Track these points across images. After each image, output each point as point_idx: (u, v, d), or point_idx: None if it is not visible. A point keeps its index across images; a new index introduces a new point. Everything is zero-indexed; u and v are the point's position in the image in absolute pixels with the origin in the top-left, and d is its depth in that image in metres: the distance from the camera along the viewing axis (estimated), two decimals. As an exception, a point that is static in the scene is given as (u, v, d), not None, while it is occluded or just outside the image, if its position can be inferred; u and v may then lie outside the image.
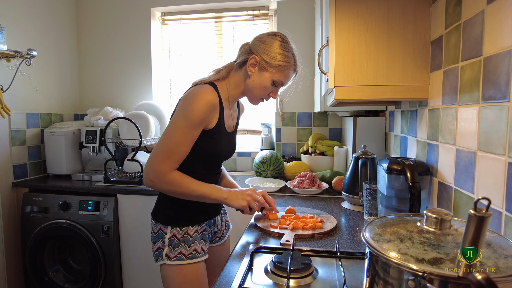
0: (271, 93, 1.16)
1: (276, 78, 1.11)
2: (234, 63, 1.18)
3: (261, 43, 1.11)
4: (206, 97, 1.04)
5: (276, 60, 1.09)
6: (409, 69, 1.10)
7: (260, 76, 1.11)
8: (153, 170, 1.03)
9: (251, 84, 1.13)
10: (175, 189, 1.05)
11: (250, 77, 1.12)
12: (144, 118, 2.22)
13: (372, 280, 0.54)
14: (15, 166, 2.18)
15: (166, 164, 1.03)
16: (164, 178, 1.03)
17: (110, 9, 2.67)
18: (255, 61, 1.10)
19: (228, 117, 1.18)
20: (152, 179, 1.03)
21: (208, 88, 1.07)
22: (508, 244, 0.50)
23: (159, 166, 1.02)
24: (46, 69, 2.44)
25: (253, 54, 1.10)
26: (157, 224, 1.15)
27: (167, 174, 1.03)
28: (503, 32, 0.70)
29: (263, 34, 1.14)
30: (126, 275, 2.02)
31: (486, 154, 0.76)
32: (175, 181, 1.04)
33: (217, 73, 1.17)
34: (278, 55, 1.09)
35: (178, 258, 1.10)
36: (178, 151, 1.03)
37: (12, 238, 2.13)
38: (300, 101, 2.46)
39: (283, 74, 1.12)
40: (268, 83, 1.12)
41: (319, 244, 1.05)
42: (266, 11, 2.55)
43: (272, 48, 1.09)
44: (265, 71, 1.10)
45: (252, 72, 1.11)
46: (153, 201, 1.20)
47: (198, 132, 1.06)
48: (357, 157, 1.43)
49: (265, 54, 1.09)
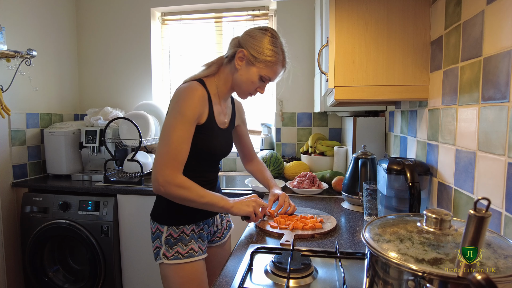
0: (259, 88, 1.15)
1: (264, 74, 1.11)
2: (224, 57, 1.17)
3: (250, 37, 1.10)
4: (196, 92, 1.06)
5: (264, 55, 1.08)
6: (409, 69, 1.10)
7: (247, 71, 1.10)
8: (161, 174, 0.99)
9: (238, 78, 1.12)
10: (184, 193, 1.01)
11: (238, 71, 1.12)
12: (144, 118, 2.22)
13: (372, 280, 0.54)
14: (15, 166, 2.18)
15: (173, 166, 1.00)
16: (173, 181, 1.00)
17: (110, 9, 2.67)
18: (243, 55, 1.09)
19: (219, 113, 1.17)
20: (161, 183, 0.99)
21: (195, 84, 1.08)
22: (508, 244, 0.50)
23: (166, 169, 0.99)
24: (46, 69, 2.44)
25: (242, 48, 1.10)
26: (155, 224, 1.15)
27: (175, 176, 1.00)
28: (503, 33, 0.70)
29: (253, 28, 1.13)
30: (126, 275, 2.02)
31: (486, 154, 0.76)
32: (185, 183, 1.01)
33: (207, 67, 1.17)
34: (266, 51, 1.08)
35: (175, 257, 1.10)
36: (181, 150, 1.02)
37: (12, 238, 2.13)
38: (300, 101, 2.46)
39: (270, 69, 1.11)
40: (255, 78, 1.11)
41: (319, 244, 1.05)
42: (266, 11, 2.55)
43: (260, 43, 1.08)
44: (253, 66, 1.09)
45: (240, 66, 1.11)
46: (153, 201, 1.20)
47: (194, 128, 1.06)
48: (357, 157, 1.43)
49: (253, 49, 1.08)
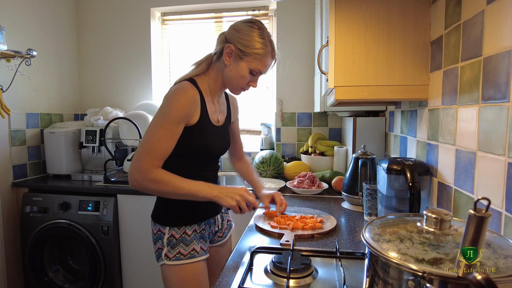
0: (250, 82, 1.13)
1: (253, 67, 1.09)
2: (213, 54, 1.15)
3: (236, 31, 1.09)
4: (185, 93, 1.04)
5: (252, 49, 1.06)
6: (409, 69, 1.10)
7: (236, 66, 1.09)
8: (135, 168, 1.01)
9: (228, 74, 1.11)
10: (159, 187, 1.02)
11: (227, 67, 1.10)
12: (144, 118, 2.22)
13: (372, 280, 0.54)
14: (15, 166, 2.18)
15: (147, 161, 1.00)
16: (146, 176, 1.00)
17: (110, 9, 2.67)
18: (230, 50, 1.08)
19: (213, 112, 1.16)
20: (136, 178, 1.01)
21: (186, 85, 1.07)
22: (508, 244, 0.50)
23: (140, 163, 1.01)
24: (46, 69, 2.44)
25: (229, 43, 1.08)
26: (156, 225, 1.14)
27: (148, 171, 1.00)
28: (503, 33, 0.70)
29: (238, 22, 1.11)
30: (126, 275, 2.02)
31: (486, 154, 0.76)
32: (158, 178, 1.01)
33: (197, 66, 1.16)
34: (254, 43, 1.06)
35: (177, 258, 1.10)
36: (158, 147, 1.02)
37: (12, 238, 2.13)
38: (300, 101, 2.46)
39: (260, 62, 1.09)
40: (245, 72, 1.09)
41: (319, 244, 1.05)
42: (266, 11, 2.55)
43: (247, 36, 1.06)
44: (241, 60, 1.08)
45: (229, 61, 1.09)
46: (153, 201, 1.20)
47: (179, 129, 1.04)
48: (357, 157, 1.43)
49: (240, 43, 1.06)
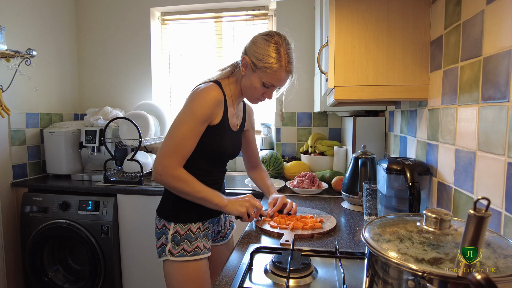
0: (265, 93, 1.16)
1: (265, 80, 1.11)
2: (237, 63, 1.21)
3: (253, 44, 1.12)
4: (212, 93, 1.08)
5: (263, 63, 1.08)
6: (409, 69, 1.10)
7: (250, 77, 1.13)
8: (161, 164, 1.05)
9: (244, 84, 1.15)
10: (181, 186, 1.06)
11: (244, 77, 1.15)
12: (143, 118, 2.22)
13: (371, 280, 0.54)
14: (14, 166, 2.18)
15: (173, 159, 1.05)
16: (171, 172, 1.04)
17: (110, 9, 2.67)
18: (245, 62, 1.12)
19: (232, 116, 1.20)
20: (160, 173, 1.05)
21: (213, 85, 1.11)
22: (507, 244, 0.50)
23: (166, 160, 1.05)
24: (46, 69, 2.44)
25: (246, 54, 1.12)
26: (161, 220, 1.16)
27: (174, 168, 1.05)
28: (503, 32, 0.70)
29: (258, 34, 1.13)
30: (126, 275, 2.02)
31: (486, 154, 0.76)
32: (182, 176, 1.06)
33: (222, 71, 1.21)
34: (266, 58, 1.07)
35: (181, 254, 1.11)
36: (184, 145, 1.06)
37: (12, 238, 2.13)
38: (300, 101, 2.46)
39: (270, 76, 1.10)
40: (258, 84, 1.12)
41: (318, 244, 1.05)
42: (266, 11, 2.55)
43: (261, 50, 1.08)
44: (254, 73, 1.11)
45: (244, 72, 1.14)
46: (153, 200, 1.21)
47: (203, 127, 1.09)
48: (357, 157, 1.43)
49: (254, 56, 1.09)
